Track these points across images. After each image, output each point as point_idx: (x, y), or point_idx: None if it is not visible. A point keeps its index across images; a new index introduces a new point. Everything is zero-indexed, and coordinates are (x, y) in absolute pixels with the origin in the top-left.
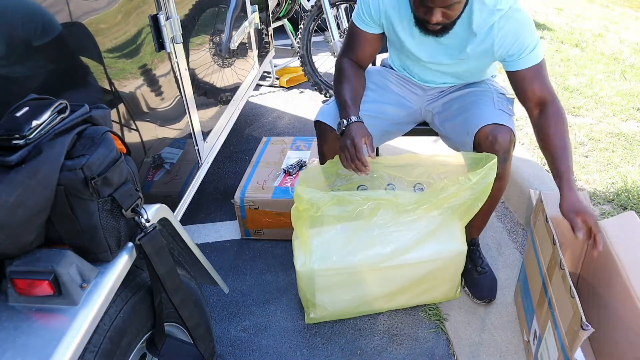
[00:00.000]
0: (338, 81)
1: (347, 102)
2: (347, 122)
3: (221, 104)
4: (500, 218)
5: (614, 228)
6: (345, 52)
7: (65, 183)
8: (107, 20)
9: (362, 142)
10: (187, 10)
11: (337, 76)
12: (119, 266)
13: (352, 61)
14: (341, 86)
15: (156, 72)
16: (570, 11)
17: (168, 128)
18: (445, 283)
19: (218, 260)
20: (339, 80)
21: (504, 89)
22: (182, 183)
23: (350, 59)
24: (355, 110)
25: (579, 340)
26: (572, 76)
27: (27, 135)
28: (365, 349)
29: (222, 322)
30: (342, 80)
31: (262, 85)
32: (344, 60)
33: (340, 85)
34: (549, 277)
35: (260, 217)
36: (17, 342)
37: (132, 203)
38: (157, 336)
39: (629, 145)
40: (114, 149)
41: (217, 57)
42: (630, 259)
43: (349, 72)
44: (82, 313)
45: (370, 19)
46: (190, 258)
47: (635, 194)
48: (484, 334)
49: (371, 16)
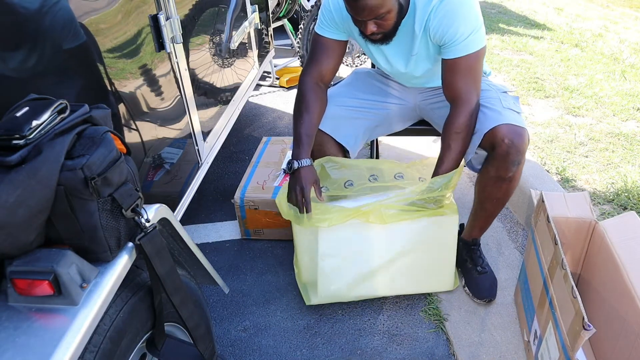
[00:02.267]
0: (298, 110)
1: (302, 139)
2: (298, 165)
3: (221, 104)
4: (500, 218)
5: (614, 228)
6: (309, 67)
7: (65, 183)
8: (107, 20)
9: (309, 188)
10: (187, 10)
11: (298, 104)
12: (119, 266)
13: (315, 82)
14: (300, 117)
15: (156, 72)
16: (570, 11)
17: (168, 128)
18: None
19: (218, 260)
20: (298, 109)
21: (504, 87)
22: (182, 183)
23: (313, 76)
24: (308, 151)
25: (581, 340)
26: (572, 76)
27: (27, 135)
28: (365, 349)
29: (222, 322)
30: (302, 109)
31: (262, 85)
32: (307, 81)
33: (299, 116)
34: (550, 277)
35: (260, 217)
36: (17, 342)
37: (132, 203)
38: (157, 336)
39: (629, 145)
40: (114, 149)
41: (217, 57)
42: (630, 259)
43: (311, 98)
44: (82, 313)
45: (334, 26)
46: (190, 258)
47: (635, 194)
48: (484, 334)
49: (335, 23)
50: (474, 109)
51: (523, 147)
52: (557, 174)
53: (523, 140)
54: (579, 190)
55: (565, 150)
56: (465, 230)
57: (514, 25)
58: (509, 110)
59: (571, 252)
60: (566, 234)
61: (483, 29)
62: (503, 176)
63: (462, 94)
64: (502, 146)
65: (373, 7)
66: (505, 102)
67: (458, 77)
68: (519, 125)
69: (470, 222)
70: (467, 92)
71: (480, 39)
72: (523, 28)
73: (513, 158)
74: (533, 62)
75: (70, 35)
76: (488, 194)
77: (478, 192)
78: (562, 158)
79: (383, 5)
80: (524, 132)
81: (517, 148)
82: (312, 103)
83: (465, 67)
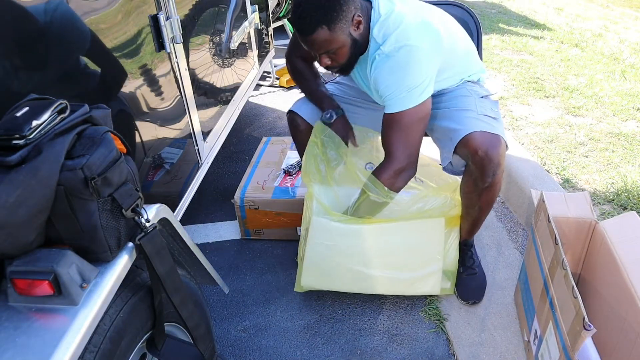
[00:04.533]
0: (302, 77)
1: (325, 94)
2: (336, 115)
3: (221, 104)
4: (500, 218)
5: (614, 228)
6: (293, 49)
7: (65, 183)
8: (107, 20)
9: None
10: (187, 10)
11: (299, 74)
12: (119, 266)
13: (303, 59)
14: (308, 81)
15: (156, 72)
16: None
17: (168, 128)
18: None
19: (218, 260)
20: (303, 77)
21: (486, 90)
22: (182, 183)
23: (297, 56)
24: (334, 102)
25: (582, 340)
26: (572, 76)
27: (27, 135)
28: (365, 349)
29: (222, 322)
30: (306, 76)
31: (262, 85)
32: (296, 60)
33: (306, 81)
34: (550, 277)
35: (260, 217)
36: (17, 342)
37: (132, 203)
38: (157, 336)
39: (629, 145)
40: (114, 149)
41: (217, 57)
42: (631, 260)
43: (307, 71)
44: (82, 313)
45: None
46: (190, 258)
47: (635, 194)
48: (484, 334)
49: None
50: (402, 167)
51: (498, 157)
52: (557, 174)
53: (497, 151)
54: (579, 190)
55: (565, 150)
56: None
57: (514, 25)
58: (483, 116)
59: (571, 252)
60: (566, 233)
61: (429, 87)
62: (481, 186)
63: (392, 150)
64: (477, 157)
65: (322, 42)
66: (481, 109)
67: (390, 133)
68: (492, 133)
69: (460, 225)
70: (396, 149)
71: (417, 97)
72: (523, 28)
73: (488, 169)
74: (533, 62)
75: (70, 35)
76: (470, 201)
77: (462, 199)
78: (562, 158)
79: (332, 42)
80: (499, 140)
81: (490, 159)
82: (310, 74)
83: (398, 123)
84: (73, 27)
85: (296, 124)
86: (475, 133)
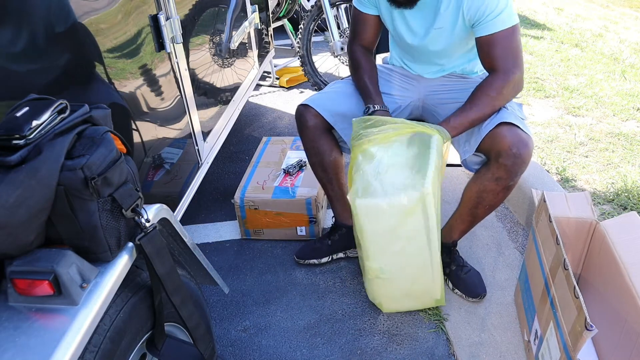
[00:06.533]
0: (355, 69)
1: (370, 89)
2: (374, 108)
3: (221, 104)
4: (500, 218)
5: (615, 228)
6: (353, 38)
7: (65, 183)
8: (107, 20)
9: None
10: (187, 10)
11: (353, 64)
12: (119, 266)
13: (362, 47)
14: (360, 73)
15: (156, 72)
16: (570, 11)
17: (168, 128)
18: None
19: (218, 260)
20: (356, 68)
21: None
22: (182, 183)
23: (359, 44)
24: (379, 98)
25: (583, 340)
26: (572, 76)
27: (27, 135)
28: (365, 349)
29: (222, 322)
30: (359, 68)
31: (262, 85)
32: (355, 48)
33: (358, 72)
34: (551, 277)
35: (260, 217)
36: (17, 342)
37: (132, 203)
38: (157, 336)
39: (629, 145)
40: (114, 149)
41: (217, 57)
42: (631, 260)
43: (363, 61)
44: (82, 313)
45: (367, 1)
46: (190, 258)
47: (635, 194)
48: (484, 334)
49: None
50: (513, 79)
51: (528, 158)
52: (557, 174)
53: (529, 151)
54: (579, 190)
55: (565, 150)
56: (444, 233)
57: None
58: (514, 113)
59: (572, 252)
60: (567, 233)
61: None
62: (503, 184)
63: (501, 65)
64: (509, 156)
65: None
66: (510, 106)
67: (497, 50)
68: (525, 132)
69: (452, 224)
70: (506, 63)
71: (514, 15)
72: (523, 28)
73: (517, 168)
74: (533, 62)
75: (70, 35)
76: (482, 200)
77: (469, 196)
78: (562, 158)
79: None
80: (530, 141)
81: (522, 159)
82: (366, 64)
83: (503, 41)
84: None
85: (305, 119)
86: (508, 131)
